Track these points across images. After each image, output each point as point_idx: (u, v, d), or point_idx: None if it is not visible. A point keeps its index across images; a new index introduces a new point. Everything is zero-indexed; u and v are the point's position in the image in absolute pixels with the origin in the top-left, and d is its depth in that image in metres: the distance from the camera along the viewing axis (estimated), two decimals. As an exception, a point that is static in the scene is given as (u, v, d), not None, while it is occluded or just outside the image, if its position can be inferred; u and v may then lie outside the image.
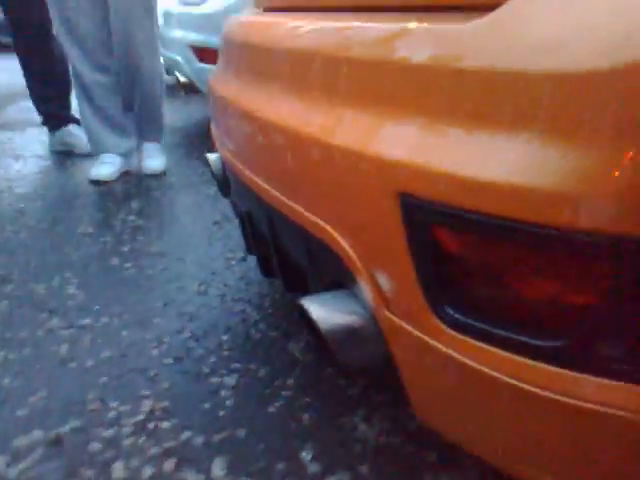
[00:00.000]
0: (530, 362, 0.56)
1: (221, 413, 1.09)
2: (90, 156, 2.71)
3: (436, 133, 0.58)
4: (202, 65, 2.94)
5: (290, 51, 0.83)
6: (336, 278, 0.81)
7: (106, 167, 2.53)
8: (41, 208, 2.20)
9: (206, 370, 1.22)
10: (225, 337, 1.33)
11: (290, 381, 1.17)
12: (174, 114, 3.90)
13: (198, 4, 2.97)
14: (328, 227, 0.74)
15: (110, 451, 1.00)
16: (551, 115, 0.47)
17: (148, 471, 0.95)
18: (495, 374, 0.58)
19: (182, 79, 3.08)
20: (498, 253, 0.55)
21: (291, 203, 0.83)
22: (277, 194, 0.87)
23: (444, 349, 0.63)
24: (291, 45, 0.84)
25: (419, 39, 0.61)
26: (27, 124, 3.68)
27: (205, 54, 2.89)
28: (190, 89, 4.34)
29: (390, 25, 0.66)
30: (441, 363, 0.64)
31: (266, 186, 0.91)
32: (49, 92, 2.94)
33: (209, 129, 1.48)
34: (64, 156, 2.95)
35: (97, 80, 2.48)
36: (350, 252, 0.71)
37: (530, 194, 0.48)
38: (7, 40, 3.27)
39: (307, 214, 0.79)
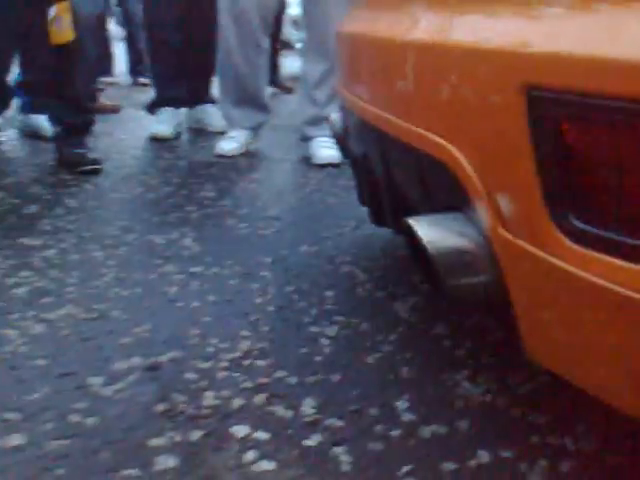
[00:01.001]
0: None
1: (317, 358, 1.05)
2: (222, 133, 2.76)
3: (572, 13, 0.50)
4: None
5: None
6: (449, 203, 0.74)
7: (232, 142, 2.58)
8: (168, 174, 2.28)
9: (307, 320, 1.18)
10: (329, 293, 1.29)
11: (392, 337, 1.11)
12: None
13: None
14: (447, 145, 0.68)
15: (203, 381, 0.99)
16: None
17: (238, 402, 0.93)
18: (628, 292, 0.50)
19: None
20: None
21: (410, 125, 0.77)
22: (396, 119, 0.82)
23: (567, 267, 0.54)
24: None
25: None
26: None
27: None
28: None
29: None
30: (562, 283, 0.56)
31: (385, 114, 0.86)
32: (195, 70, 3.00)
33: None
34: (197, 132, 3.05)
35: (249, 58, 2.47)
36: (468, 167, 0.65)
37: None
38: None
39: (426, 134, 0.73)
